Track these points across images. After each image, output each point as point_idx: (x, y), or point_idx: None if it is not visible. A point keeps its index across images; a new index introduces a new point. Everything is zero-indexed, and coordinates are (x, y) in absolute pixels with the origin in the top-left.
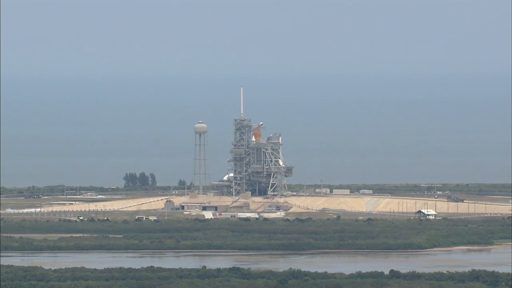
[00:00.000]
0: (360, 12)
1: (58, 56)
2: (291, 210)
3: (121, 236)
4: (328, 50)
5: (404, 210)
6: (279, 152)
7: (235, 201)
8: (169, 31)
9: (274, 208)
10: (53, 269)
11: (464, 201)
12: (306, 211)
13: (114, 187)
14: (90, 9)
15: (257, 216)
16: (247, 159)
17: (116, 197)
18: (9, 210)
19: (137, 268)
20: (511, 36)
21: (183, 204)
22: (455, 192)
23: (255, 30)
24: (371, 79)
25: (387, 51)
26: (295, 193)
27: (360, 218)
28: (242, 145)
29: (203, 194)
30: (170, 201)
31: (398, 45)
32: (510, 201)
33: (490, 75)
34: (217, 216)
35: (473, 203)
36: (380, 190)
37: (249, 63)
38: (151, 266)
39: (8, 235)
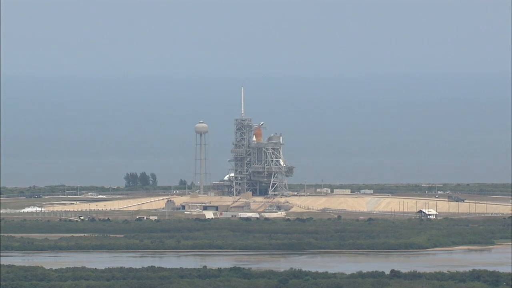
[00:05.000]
0: (360, 12)
1: (58, 56)
2: (291, 210)
3: (122, 236)
4: (328, 50)
5: (405, 210)
6: (279, 152)
7: (236, 201)
8: (169, 31)
9: (275, 208)
10: (54, 269)
11: (465, 201)
12: (307, 211)
13: (115, 187)
14: (90, 9)
15: (258, 216)
16: (248, 159)
17: (117, 197)
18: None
19: (138, 268)
20: (511, 36)
21: (184, 204)
22: (456, 192)
23: (255, 30)
24: (371, 79)
25: (387, 51)
26: (295, 193)
27: (361, 218)
28: (242, 145)
29: (204, 194)
30: (171, 201)
31: (398, 45)
32: (511, 201)
33: (490, 75)
34: (218, 216)
35: (474, 203)
36: (381, 190)
37: (249, 63)
38: (152, 266)
39: (9, 234)
